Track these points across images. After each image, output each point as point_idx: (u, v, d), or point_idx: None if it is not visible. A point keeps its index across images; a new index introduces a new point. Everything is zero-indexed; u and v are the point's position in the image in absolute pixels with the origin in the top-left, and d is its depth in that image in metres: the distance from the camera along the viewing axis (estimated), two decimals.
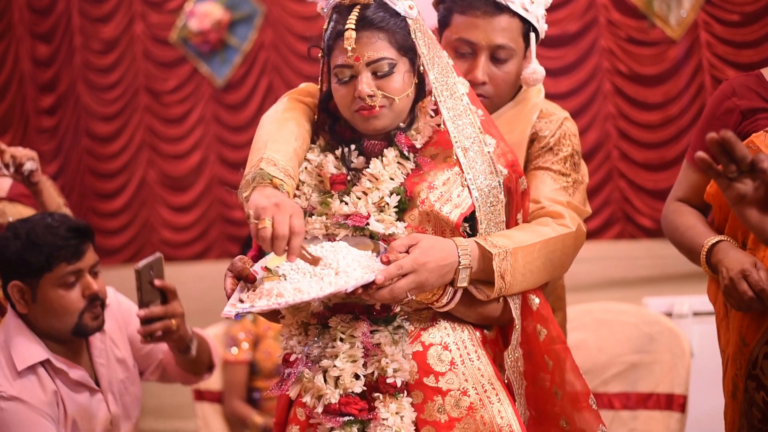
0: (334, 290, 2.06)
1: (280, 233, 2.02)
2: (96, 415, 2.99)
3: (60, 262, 2.84)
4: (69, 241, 2.85)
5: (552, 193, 2.48)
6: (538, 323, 2.35)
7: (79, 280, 2.86)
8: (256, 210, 2.05)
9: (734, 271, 2.51)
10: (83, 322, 2.85)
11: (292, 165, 2.24)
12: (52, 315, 2.87)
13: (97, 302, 2.86)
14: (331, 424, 2.19)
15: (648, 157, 5.87)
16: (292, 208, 2.08)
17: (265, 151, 2.22)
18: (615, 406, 4.00)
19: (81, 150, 7.31)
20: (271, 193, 2.11)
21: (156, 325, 2.72)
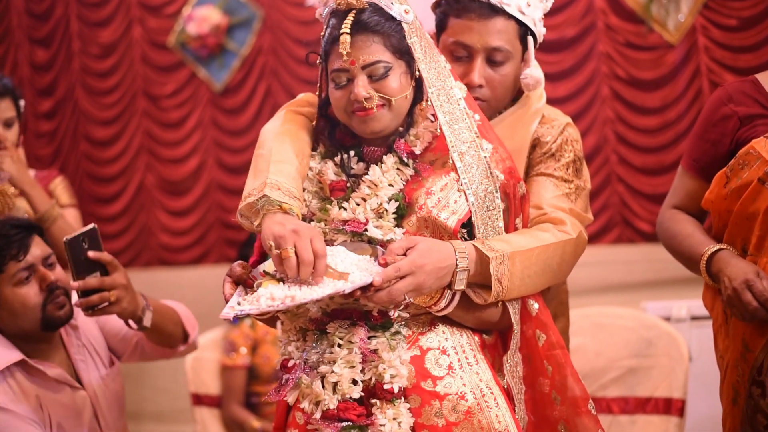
0: (333, 291, 2.06)
1: (306, 260, 2.05)
2: (81, 412, 2.98)
3: (8, 261, 2.83)
4: (12, 239, 2.83)
5: (554, 199, 2.48)
6: (538, 328, 2.35)
7: (34, 275, 2.85)
8: (276, 239, 2.07)
9: (737, 281, 2.52)
10: (48, 314, 2.84)
11: (296, 185, 2.25)
12: (15, 315, 2.87)
13: (57, 291, 2.84)
14: (330, 429, 2.19)
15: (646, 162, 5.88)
16: (310, 231, 2.10)
17: (267, 174, 2.23)
18: (613, 411, 4.00)
19: (79, 154, 7.31)
20: (284, 219, 2.12)
21: (92, 298, 2.67)
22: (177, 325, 3.17)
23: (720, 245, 2.64)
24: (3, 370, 2.85)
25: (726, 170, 2.64)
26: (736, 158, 2.62)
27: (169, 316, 3.12)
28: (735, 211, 2.61)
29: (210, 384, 4.79)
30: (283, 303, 2.06)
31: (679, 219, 2.81)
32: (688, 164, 2.80)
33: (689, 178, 2.80)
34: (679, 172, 2.85)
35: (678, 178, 2.86)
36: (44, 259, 2.88)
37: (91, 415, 3.03)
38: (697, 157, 2.76)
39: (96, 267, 2.70)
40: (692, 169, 2.79)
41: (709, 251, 2.63)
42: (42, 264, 2.87)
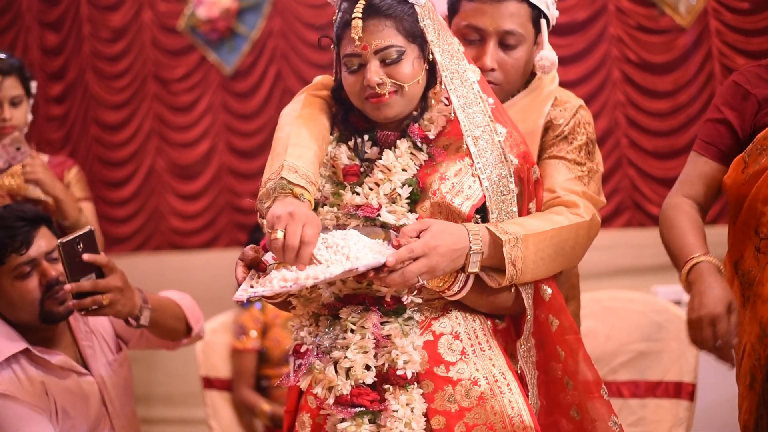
0: (346, 269, 2.06)
1: (290, 244, 2.04)
2: (88, 398, 2.99)
3: (10, 254, 2.84)
4: (16, 232, 2.84)
5: (567, 182, 2.47)
6: (551, 313, 2.35)
7: (36, 269, 2.85)
8: (271, 219, 2.07)
9: (705, 311, 2.37)
10: (47, 310, 2.84)
11: (314, 170, 2.24)
12: (14, 306, 2.88)
13: (57, 287, 2.83)
14: (343, 415, 2.19)
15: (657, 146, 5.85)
16: (306, 217, 2.08)
17: (285, 157, 2.22)
18: (624, 395, 4.00)
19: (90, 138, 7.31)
20: (288, 203, 2.12)
21: (85, 301, 2.66)
22: (179, 320, 3.17)
23: (706, 257, 2.50)
24: (8, 358, 2.86)
25: (744, 155, 2.61)
26: (754, 143, 2.60)
27: (171, 311, 3.11)
28: (750, 195, 2.59)
29: (220, 367, 4.80)
30: (295, 284, 2.05)
31: (682, 209, 2.71)
32: (700, 147, 2.75)
33: (702, 161, 2.74)
34: (691, 157, 2.79)
35: (690, 163, 2.79)
36: (48, 253, 2.87)
37: (99, 401, 3.04)
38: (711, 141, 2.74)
39: (91, 269, 2.70)
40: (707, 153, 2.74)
41: (691, 262, 2.50)
42: (45, 258, 2.86)
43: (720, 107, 2.72)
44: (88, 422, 2.99)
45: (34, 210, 2.93)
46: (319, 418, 2.35)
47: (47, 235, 2.91)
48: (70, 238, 2.66)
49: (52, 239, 2.91)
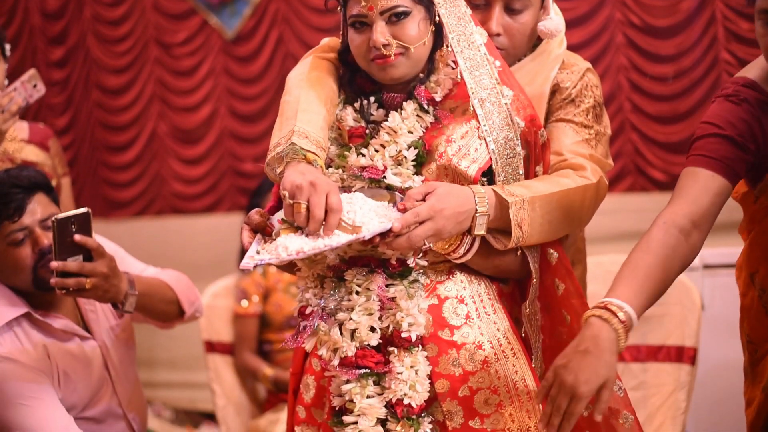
0: (352, 239, 2.05)
1: (316, 216, 2.04)
2: (91, 362, 3.00)
3: (3, 221, 2.83)
4: (10, 199, 2.82)
5: (574, 145, 2.46)
6: (557, 277, 2.35)
7: (29, 237, 2.85)
8: (292, 189, 2.06)
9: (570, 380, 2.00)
10: (39, 277, 2.83)
11: (323, 135, 2.23)
12: (8, 272, 2.88)
13: (49, 256, 2.77)
14: (347, 376, 2.20)
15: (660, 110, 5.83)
16: (328, 186, 2.07)
17: (295, 122, 2.21)
18: (625, 359, 4.01)
19: (91, 103, 7.28)
20: (305, 170, 2.11)
21: (68, 281, 2.65)
22: (170, 304, 3.16)
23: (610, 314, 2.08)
24: (9, 322, 2.86)
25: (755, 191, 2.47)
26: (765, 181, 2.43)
27: (161, 296, 3.10)
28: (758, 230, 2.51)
29: (222, 331, 4.81)
30: (302, 252, 2.05)
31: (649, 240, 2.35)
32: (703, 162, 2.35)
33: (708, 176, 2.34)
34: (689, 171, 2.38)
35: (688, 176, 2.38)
36: (43, 220, 2.86)
37: (102, 365, 3.04)
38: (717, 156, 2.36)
39: (80, 251, 2.69)
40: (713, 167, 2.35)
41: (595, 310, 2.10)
42: (39, 226, 2.85)
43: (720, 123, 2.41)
44: (90, 386, 2.99)
45: (31, 176, 2.91)
46: (324, 380, 2.36)
47: (43, 202, 2.89)
48: (67, 215, 2.65)
49: (48, 206, 2.89)
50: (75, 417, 2.89)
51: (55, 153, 3.87)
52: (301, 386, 2.45)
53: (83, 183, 7.30)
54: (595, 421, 2.32)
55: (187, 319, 3.28)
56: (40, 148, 3.78)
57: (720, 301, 2.89)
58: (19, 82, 3.32)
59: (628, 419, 2.32)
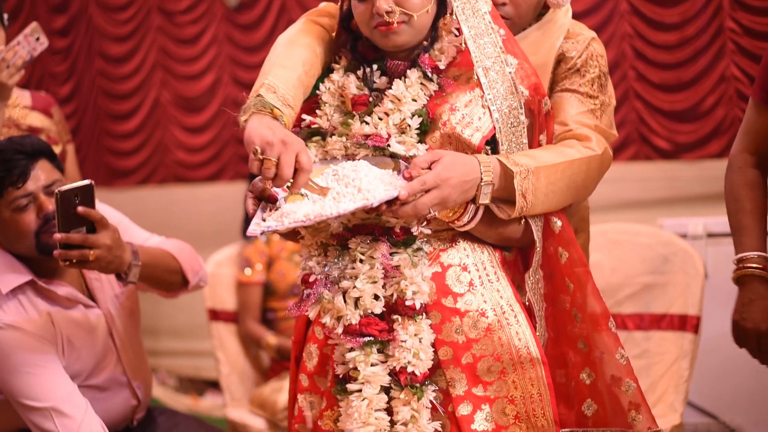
0: (359, 206, 2.05)
1: (285, 175, 2.02)
2: (95, 330, 3.00)
3: (7, 187, 2.82)
4: (13, 165, 2.82)
5: (579, 115, 2.46)
6: (560, 246, 2.34)
7: (33, 202, 2.84)
8: (263, 145, 2.03)
9: (751, 325, 2.59)
10: (42, 242, 2.82)
11: (294, 93, 2.21)
12: (12, 238, 2.87)
13: (53, 221, 2.77)
14: (352, 344, 2.21)
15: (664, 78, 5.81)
16: (298, 145, 2.05)
17: (267, 76, 2.20)
18: (628, 327, 4.02)
19: (94, 71, 7.27)
20: (274, 126, 2.08)
21: (72, 252, 2.66)
22: (174, 274, 3.17)
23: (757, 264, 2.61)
24: (14, 289, 2.86)
25: None
26: None
27: (164, 266, 3.10)
28: None
29: (226, 299, 4.81)
30: (308, 218, 2.05)
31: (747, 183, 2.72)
32: (760, 96, 2.69)
33: (762, 111, 2.69)
34: (750, 105, 2.74)
35: (749, 111, 2.74)
36: (47, 186, 2.85)
37: (106, 333, 3.05)
38: None
39: (83, 222, 2.69)
40: (765, 102, 2.68)
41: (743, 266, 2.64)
42: (43, 192, 2.85)
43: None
44: (94, 354, 3.00)
45: (34, 143, 2.90)
46: (327, 348, 2.37)
47: (47, 168, 2.88)
48: (70, 188, 2.65)
49: (52, 173, 2.89)
50: (79, 385, 2.89)
51: (58, 120, 3.88)
52: (304, 354, 2.46)
53: (86, 151, 7.29)
54: (598, 389, 2.34)
55: (192, 289, 3.29)
56: (44, 115, 3.78)
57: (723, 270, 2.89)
58: (22, 36, 3.29)
59: (631, 387, 2.33)
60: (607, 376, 2.34)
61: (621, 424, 2.34)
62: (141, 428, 3.24)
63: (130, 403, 3.15)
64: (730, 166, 2.76)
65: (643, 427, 2.32)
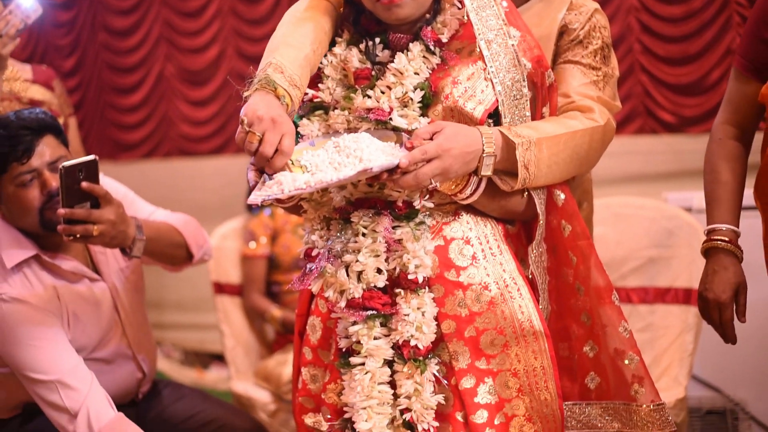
0: (360, 169, 2.03)
1: (264, 152, 2.01)
2: (100, 304, 3.01)
3: (12, 162, 2.82)
4: (18, 141, 2.82)
5: (582, 87, 2.44)
6: (563, 219, 2.34)
7: (37, 178, 2.84)
8: (252, 119, 2.02)
9: (712, 295, 2.61)
10: (47, 218, 2.83)
11: (301, 73, 2.19)
12: (16, 214, 2.88)
13: (57, 198, 2.78)
14: (354, 318, 2.21)
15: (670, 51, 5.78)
16: (286, 127, 2.04)
17: (275, 55, 2.19)
18: (633, 301, 4.02)
19: (98, 45, 7.25)
20: (271, 103, 2.07)
21: (76, 228, 2.66)
22: (178, 248, 3.17)
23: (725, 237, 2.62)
24: (19, 264, 2.87)
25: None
26: None
27: (169, 240, 3.11)
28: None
29: (231, 273, 4.82)
30: (308, 185, 2.04)
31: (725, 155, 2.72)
32: (742, 66, 2.68)
33: (744, 81, 2.68)
34: (732, 75, 2.73)
35: (732, 82, 2.74)
36: (51, 162, 2.85)
37: (111, 307, 3.05)
38: (753, 58, 2.64)
39: (87, 198, 2.69)
40: (748, 71, 2.67)
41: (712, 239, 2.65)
42: (48, 168, 2.85)
43: (757, 21, 2.63)
44: (99, 328, 3.01)
45: (39, 118, 2.90)
46: (330, 321, 2.37)
47: (52, 144, 2.88)
48: (74, 163, 2.64)
49: (57, 148, 2.89)
50: (85, 358, 2.90)
51: (59, 93, 3.87)
52: (308, 328, 2.46)
53: (91, 125, 7.29)
54: (601, 362, 2.34)
55: (196, 263, 3.29)
56: (45, 88, 3.78)
57: None
58: (14, 3, 3.27)
59: (634, 360, 2.33)
60: (610, 349, 2.34)
61: (624, 397, 2.34)
62: (146, 401, 3.25)
63: (135, 376, 3.16)
64: (711, 136, 2.77)
65: (646, 399, 2.32)
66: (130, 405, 3.17)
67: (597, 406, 2.37)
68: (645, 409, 2.32)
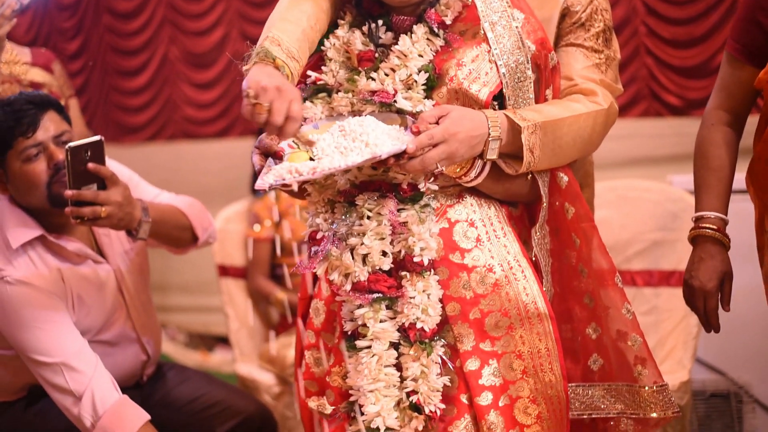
0: (368, 157, 2.03)
1: (274, 121, 2.00)
2: (104, 286, 3.02)
3: (17, 137, 2.83)
4: (24, 114, 2.83)
5: (584, 70, 2.43)
6: (566, 201, 2.34)
7: (43, 152, 2.85)
8: (257, 90, 2.01)
9: (697, 283, 2.58)
10: (54, 192, 2.83)
11: (298, 47, 2.18)
12: (23, 190, 2.88)
13: (64, 170, 2.77)
14: (360, 301, 2.21)
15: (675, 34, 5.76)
16: (293, 93, 2.03)
17: (271, 30, 2.18)
18: (637, 284, 4.02)
19: (102, 27, 7.24)
20: (272, 73, 2.06)
21: (84, 210, 2.67)
22: (184, 230, 3.18)
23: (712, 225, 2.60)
24: (24, 245, 2.87)
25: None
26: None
27: (174, 222, 3.12)
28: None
29: (235, 255, 4.82)
30: (315, 172, 2.04)
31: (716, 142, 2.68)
32: (735, 50, 2.65)
33: (738, 66, 2.64)
34: (725, 60, 2.70)
35: (724, 67, 2.70)
36: (57, 136, 2.86)
37: (115, 289, 3.06)
38: (746, 42, 2.61)
39: (94, 179, 2.69)
40: (741, 55, 2.63)
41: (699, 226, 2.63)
42: (53, 142, 2.85)
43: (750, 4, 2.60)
44: (104, 310, 3.01)
45: (42, 96, 2.91)
46: (333, 305, 2.38)
47: (56, 119, 2.89)
48: (80, 143, 2.65)
49: (61, 123, 2.89)
50: (89, 340, 2.91)
51: (59, 75, 3.87)
52: (311, 311, 2.47)
53: (95, 108, 7.28)
54: (604, 344, 2.34)
55: (201, 245, 3.29)
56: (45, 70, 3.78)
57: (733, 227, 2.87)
58: None
59: (637, 341, 2.33)
60: (612, 331, 2.35)
61: (627, 378, 2.35)
62: (151, 383, 3.26)
63: (140, 358, 3.17)
64: (702, 121, 2.73)
65: (649, 381, 2.33)
66: (135, 387, 3.18)
67: (600, 387, 2.38)
68: (648, 391, 2.33)
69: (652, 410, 2.33)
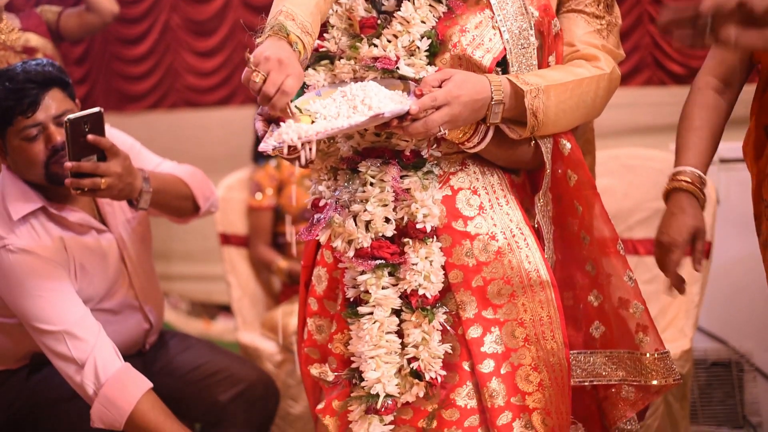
0: (372, 115, 2.02)
1: (266, 91, 2.00)
2: (107, 255, 3.02)
3: (17, 116, 2.82)
4: (24, 94, 2.81)
5: (586, 36, 2.42)
6: (569, 168, 2.32)
7: (42, 132, 2.84)
8: (258, 57, 2.01)
9: (667, 238, 2.49)
10: (52, 172, 2.83)
11: (312, 20, 2.17)
12: (22, 167, 2.88)
13: (62, 152, 2.79)
14: (363, 267, 2.21)
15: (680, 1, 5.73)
16: (293, 69, 2.03)
17: (285, 2, 2.16)
18: (639, 252, 4.02)
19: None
20: (281, 47, 2.06)
21: (84, 181, 2.66)
22: (185, 200, 3.17)
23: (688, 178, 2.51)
24: (26, 215, 2.87)
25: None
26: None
27: (176, 192, 3.11)
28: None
29: (237, 224, 4.82)
30: (319, 133, 2.03)
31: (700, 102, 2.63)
32: None
33: None
34: None
35: None
36: (57, 116, 2.84)
37: (118, 258, 3.06)
38: None
39: (94, 150, 2.68)
40: None
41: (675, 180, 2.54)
42: (53, 121, 2.84)
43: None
44: (106, 279, 3.02)
45: (46, 72, 2.88)
46: (336, 272, 2.38)
47: (58, 98, 2.87)
48: (79, 115, 2.64)
49: (63, 102, 2.88)
50: (92, 309, 2.92)
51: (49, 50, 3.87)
52: (313, 278, 2.47)
53: (96, 76, 7.26)
54: (606, 311, 2.34)
55: (203, 214, 3.29)
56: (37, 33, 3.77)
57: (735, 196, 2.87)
58: None
59: (638, 309, 2.33)
60: (614, 298, 2.35)
61: (628, 345, 2.35)
62: (153, 352, 3.27)
63: (142, 326, 3.17)
64: (691, 86, 2.69)
65: (650, 348, 2.33)
66: (137, 355, 3.19)
67: (601, 354, 2.38)
68: (649, 358, 2.33)
69: (653, 377, 2.33)
